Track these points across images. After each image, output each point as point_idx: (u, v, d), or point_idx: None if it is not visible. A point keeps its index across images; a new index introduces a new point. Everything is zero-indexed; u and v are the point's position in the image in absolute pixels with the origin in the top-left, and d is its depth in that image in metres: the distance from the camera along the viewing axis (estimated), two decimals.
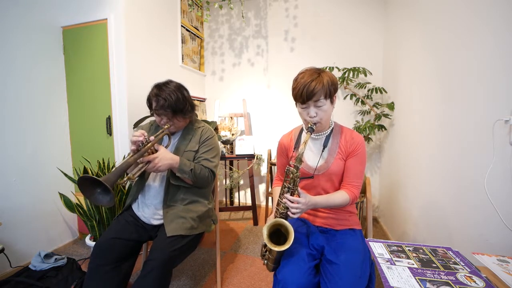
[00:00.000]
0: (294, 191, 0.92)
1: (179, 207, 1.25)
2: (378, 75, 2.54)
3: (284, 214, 0.93)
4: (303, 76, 0.98)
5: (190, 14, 2.83)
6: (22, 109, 1.75)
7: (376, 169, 2.67)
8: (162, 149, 1.17)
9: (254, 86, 2.99)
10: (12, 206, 1.68)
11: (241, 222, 2.63)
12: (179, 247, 1.13)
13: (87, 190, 0.94)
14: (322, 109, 0.98)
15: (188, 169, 1.20)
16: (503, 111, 0.91)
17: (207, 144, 1.33)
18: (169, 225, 1.17)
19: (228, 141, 2.58)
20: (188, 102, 1.27)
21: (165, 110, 1.20)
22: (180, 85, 1.29)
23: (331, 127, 1.09)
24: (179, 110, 1.22)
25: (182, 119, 1.28)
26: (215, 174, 1.33)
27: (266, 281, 1.64)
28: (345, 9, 2.62)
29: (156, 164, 1.11)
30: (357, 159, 1.03)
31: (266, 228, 0.90)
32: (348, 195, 1.00)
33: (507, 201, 0.90)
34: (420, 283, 0.66)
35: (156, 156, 1.12)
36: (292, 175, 0.91)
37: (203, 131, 1.36)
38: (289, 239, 0.86)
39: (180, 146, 1.30)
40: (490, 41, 1.00)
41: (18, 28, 1.73)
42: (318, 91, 0.94)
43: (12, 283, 1.28)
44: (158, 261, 1.05)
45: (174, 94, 1.21)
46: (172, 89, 1.22)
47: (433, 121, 1.46)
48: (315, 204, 0.96)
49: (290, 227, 0.87)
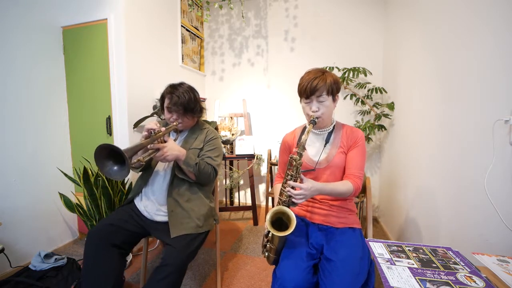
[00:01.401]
0: (297, 178, 0.94)
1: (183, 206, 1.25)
2: (378, 75, 2.54)
3: (287, 202, 0.95)
4: (308, 74, 1.06)
5: (190, 14, 2.83)
6: (22, 109, 1.75)
7: (376, 169, 2.67)
8: (170, 141, 1.23)
9: (254, 86, 2.99)
10: (12, 206, 1.68)
11: (241, 222, 2.63)
12: (193, 249, 1.16)
13: (101, 162, 0.98)
14: (324, 105, 1.04)
15: (193, 163, 1.24)
16: (503, 111, 0.91)
17: (211, 144, 1.38)
18: (174, 226, 1.19)
19: (228, 141, 2.58)
20: (198, 103, 1.36)
21: (177, 107, 1.27)
22: (192, 87, 1.37)
23: (333, 124, 1.15)
24: (189, 109, 1.30)
25: (191, 118, 1.35)
26: (217, 172, 1.37)
27: (266, 281, 1.64)
28: (345, 9, 2.62)
29: (164, 152, 1.16)
30: (358, 151, 1.08)
31: (269, 215, 0.92)
32: (352, 184, 1.02)
33: (507, 201, 0.90)
34: (420, 283, 0.66)
35: (165, 145, 1.18)
36: (295, 162, 0.94)
37: (208, 132, 1.43)
38: (291, 225, 0.87)
39: (187, 143, 1.36)
40: (490, 41, 1.00)
41: (18, 28, 1.73)
42: (321, 87, 1.01)
43: (12, 283, 1.28)
44: (173, 266, 1.06)
45: (187, 93, 1.29)
46: (185, 89, 1.30)
47: (433, 121, 1.46)
48: (319, 190, 0.96)
49: (293, 215, 0.89)
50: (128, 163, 0.95)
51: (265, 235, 1.04)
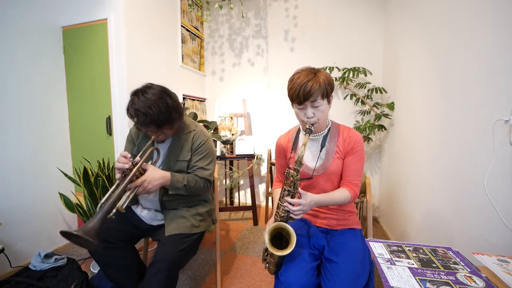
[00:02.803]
0: (295, 194, 0.92)
1: (179, 208, 1.24)
2: (378, 75, 2.54)
3: (285, 217, 0.92)
4: (299, 77, 0.95)
5: (190, 14, 2.83)
6: (22, 109, 1.75)
7: (376, 169, 2.67)
8: (150, 169, 1.08)
9: (254, 86, 2.99)
10: (12, 206, 1.68)
11: (241, 222, 2.63)
12: (184, 247, 1.11)
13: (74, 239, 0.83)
14: (319, 110, 0.96)
15: (181, 185, 1.15)
16: (503, 111, 0.91)
17: (200, 152, 1.24)
18: (169, 225, 1.17)
19: (228, 141, 2.58)
20: (173, 111, 1.11)
21: (147, 126, 1.09)
22: (161, 91, 1.11)
23: (328, 126, 1.08)
24: (163, 122, 1.09)
25: (169, 129, 1.16)
26: (211, 182, 1.28)
27: (266, 281, 1.64)
28: (345, 9, 2.62)
29: (145, 187, 1.04)
30: (356, 157, 1.03)
31: (268, 233, 0.89)
32: (349, 193, 1.00)
33: (507, 201, 0.90)
34: (420, 283, 0.66)
35: (144, 178, 1.04)
36: (292, 178, 0.90)
37: (195, 136, 1.25)
38: (291, 243, 0.85)
39: (171, 156, 1.22)
40: (490, 41, 1.00)
41: (18, 28, 1.73)
42: (315, 92, 0.92)
43: (12, 283, 1.27)
44: (164, 262, 1.04)
45: (155, 106, 1.05)
46: (152, 100, 1.05)
47: (433, 121, 1.46)
48: (317, 202, 0.94)
49: (292, 231, 0.87)
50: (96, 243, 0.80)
51: (265, 249, 1.01)
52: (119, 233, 1.17)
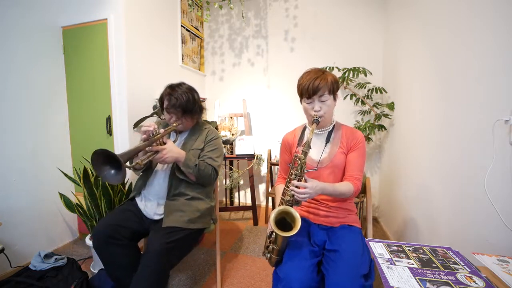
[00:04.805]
0: (301, 177, 0.95)
1: (181, 200, 1.27)
2: (378, 75, 2.54)
3: (290, 202, 0.95)
4: (308, 74, 1.07)
5: (190, 14, 2.83)
6: (22, 109, 1.75)
7: (376, 169, 2.67)
8: (170, 143, 1.23)
9: (254, 86, 2.99)
10: (12, 206, 1.68)
11: (241, 222, 2.63)
12: (174, 239, 1.13)
13: (99, 166, 0.99)
14: (326, 104, 1.05)
15: (193, 164, 1.24)
16: (503, 111, 0.91)
17: (212, 144, 1.38)
18: (167, 217, 1.20)
19: (228, 141, 2.58)
20: (197, 104, 1.34)
21: (176, 109, 1.27)
22: (191, 87, 1.36)
23: (333, 123, 1.16)
24: (188, 110, 1.30)
25: (190, 119, 1.35)
26: (217, 173, 1.37)
27: (266, 281, 1.64)
28: (345, 9, 2.62)
29: (164, 155, 1.17)
30: (358, 153, 1.09)
31: (273, 215, 0.91)
32: (352, 186, 1.03)
33: (507, 201, 0.90)
34: (420, 283, 0.66)
35: (164, 147, 1.18)
36: (299, 161, 0.94)
37: (209, 132, 1.42)
38: (296, 225, 0.86)
39: (187, 144, 1.36)
40: (490, 41, 1.00)
41: (18, 28, 1.72)
42: (323, 87, 1.02)
43: (12, 283, 1.27)
44: (153, 253, 1.06)
45: (186, 95, 1.28)
46: (184, 90, 1.29)
47: (433, 121, 1.46)
48: (322, 188, 0.97)
49: (297, 214, 0.89)
50: (124, 168, 0.95)
51: (268, 236, 1.04)
52: (124, 230, 1.20)
